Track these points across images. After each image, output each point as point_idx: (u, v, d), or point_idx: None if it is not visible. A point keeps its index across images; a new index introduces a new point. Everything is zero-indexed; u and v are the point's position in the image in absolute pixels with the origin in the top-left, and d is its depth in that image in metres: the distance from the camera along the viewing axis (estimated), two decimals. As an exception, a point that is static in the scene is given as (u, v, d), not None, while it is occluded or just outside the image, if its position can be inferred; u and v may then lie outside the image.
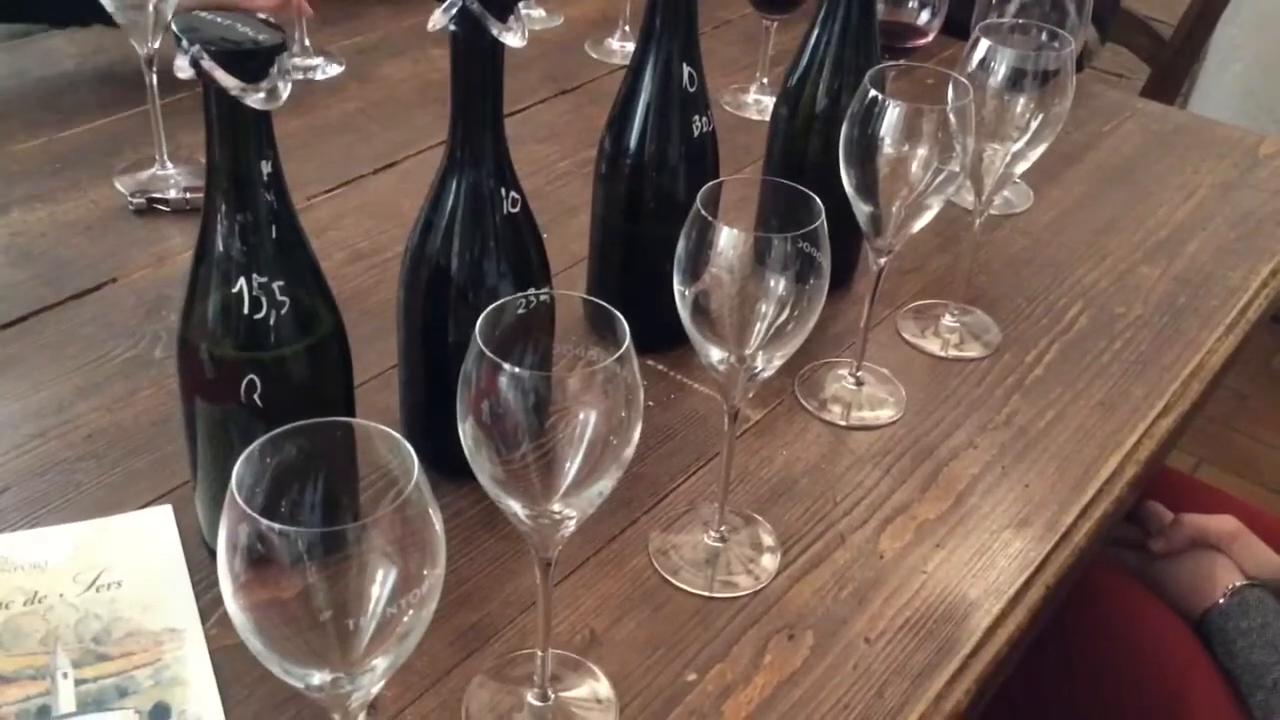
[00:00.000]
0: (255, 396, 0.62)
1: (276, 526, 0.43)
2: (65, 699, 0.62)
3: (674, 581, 0.72)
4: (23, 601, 0.67)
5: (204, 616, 0.67)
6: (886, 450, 0.85)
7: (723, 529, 0.75)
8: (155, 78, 0.99)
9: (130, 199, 1.00)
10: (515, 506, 0.55)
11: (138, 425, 0.80)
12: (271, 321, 0.62)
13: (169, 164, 1.03)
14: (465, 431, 0.54)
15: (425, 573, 0.46)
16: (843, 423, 0.86)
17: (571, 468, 0.55)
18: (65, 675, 0.63)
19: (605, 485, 0.55)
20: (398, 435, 0.46)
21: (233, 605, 0.45)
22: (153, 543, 0.71)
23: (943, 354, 0.94)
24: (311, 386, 0.65)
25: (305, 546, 0.43)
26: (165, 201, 1.00)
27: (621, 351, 0.53)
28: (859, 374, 0.89)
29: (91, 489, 0.75)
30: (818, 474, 0.82)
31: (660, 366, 0.89)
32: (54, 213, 1.00)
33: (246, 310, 0.61)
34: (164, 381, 0.84)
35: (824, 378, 0.90)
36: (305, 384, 0.65)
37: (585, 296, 0.57)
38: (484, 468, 0.54)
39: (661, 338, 0.83)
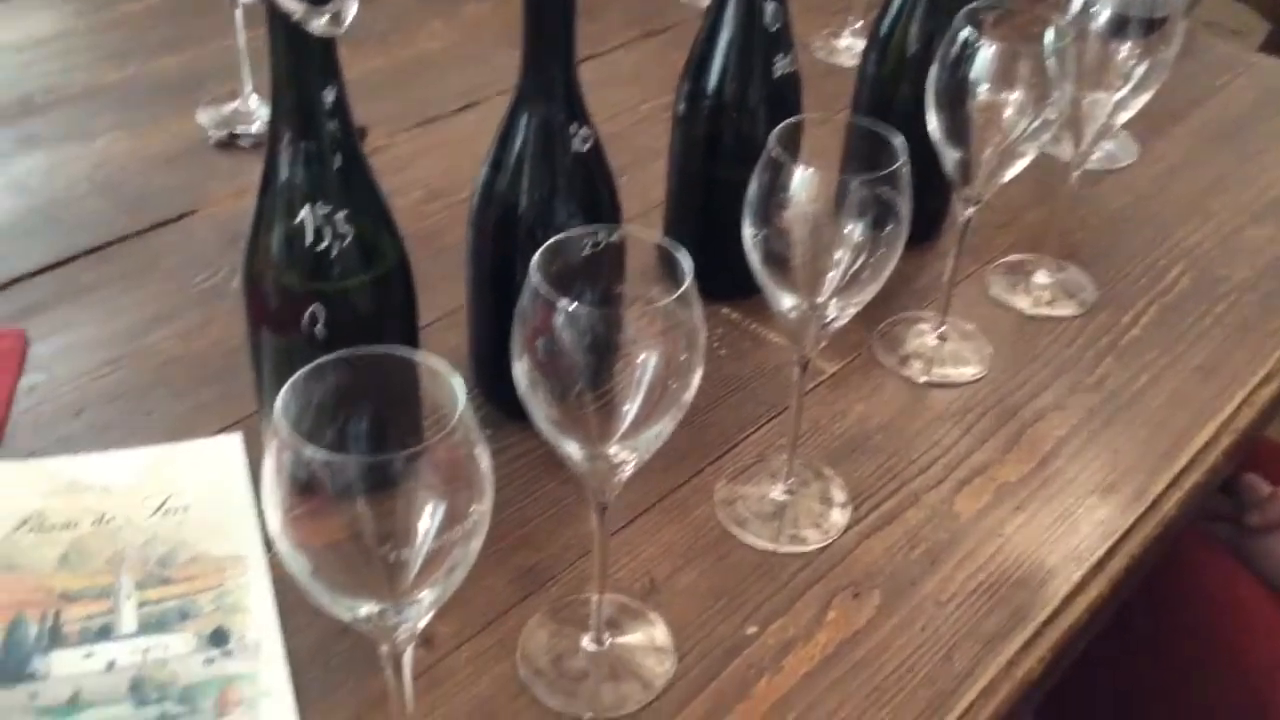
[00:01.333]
0: (317, 328, 0.62)
1: (322, 455, 0.42)
2: (127, 619, 0.63)
3: (738, 533, 0.71)
4: (91, 522, 0.68)
5: (268, 545, 0.68)
6: (967, 409, 0.81)
7: (791, 481, 0.73)
8: (240, 12, 0.99)
9: (212, 132, 1.01)
10: (571, 448, 0.54)
11: (211, 355, 0.81)
12: (334, 253, 0.61)
13: (251, 99, 1.03)
14: (520, 370, 0.52)
15: (472, 508, 0.45)
16: (922, 379, 0.83)
17: (629, 410, 0.53)
18: (129, 596, 0.64)
19: (663, 429, 0.54)
20: (446, 365, 0.45)
21: (278, 534, 0.45)
22: (221, 470, 0.72)
23: (1033, 312, 0.90)
24: (374, 320, 0.65)
25: (350, 476, 0.43)
26: (246, 136, 1.00)
27: (682, 291, 0.51)
28: (942, 329, 0.86)
29: (163, 416, 0.76)
30: (893, 431, 0.79)
31: (735, 315, 0.87)
32: (137, 144, 1.01)
33: (309, 241, 0.61)
34: (239, 312, 0.83)
35: (904, 332, 0.87)
36: (368, 317, 0.64)
37: (648, 233, 0.55)
38: (539, 408, 0.53)
39: (737, 285, 0.81)
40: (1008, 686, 0.63)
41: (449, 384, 0.44)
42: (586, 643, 0.64)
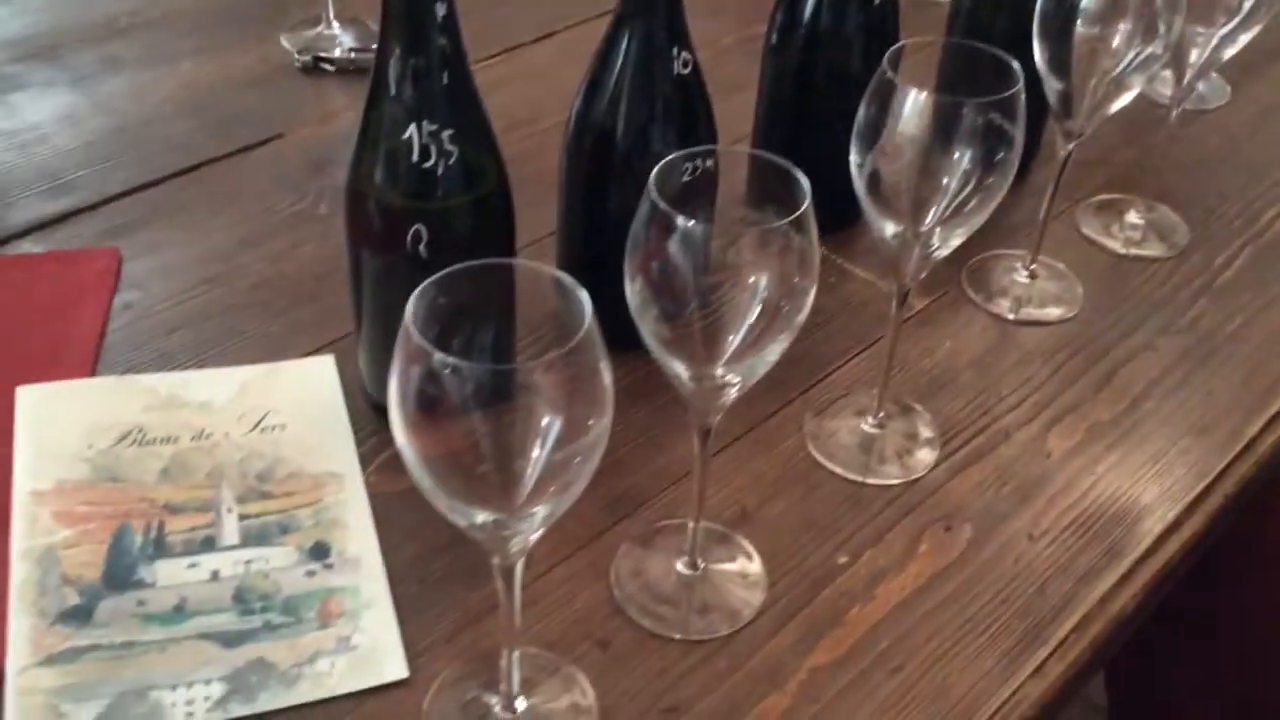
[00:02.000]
0: (421, 247, 0.62)
1: (450, 361, 0.42)
2: (229, 532, 0.64)
3: (827, 465, 0.71)
4: (190, 437, 0.69)
5: (364, 463, 0.68)
6: (1058, 348, 0.80)
7: (881, 415, 0.73)
8: (324, -65, 0.99)
9: (297, 56, 1.01)
10: (679, 368, 0.54)
11: (301, 278, 0.82)
12: (439, 171, 0.61)
13: (335, 24, 1.03)
14: (633, 290, 0.52)
15: (591, 423, 0.45)
16: (1011, 316, 0.82)
17: (739, 332, 0.53)
18: (230, 509, 0.65)
19: (773, 352, 0.53)
20: (574, 281, 0.45)
21: (402, 441, 0.45)
22: (315, 390, 0.73)
23: (1124, 252, 0.89)
24: (476, 241, 0.64)
25: (476, 385, 0.43)
26: (330, 61, 1.00)
27: (800, 213, 0.50)
28: (1033, 267, 0.85)
29: (256, 336, 0.77)
30: (982, 368, 0.79)
31: (822, 249, 0.86)
32: (221, 67, 1.01)
33: (415, 158, 0.60)
34: (328, 236, 0.85)
35: (994, 270, 0.85)
36: (470, 238, 0.64)
37: (767, 155, 0.54)
38: (650, 327, 0.53)
39: (824, 219, 0.80)
40: (1101, 621, 0.63)
41: (577, 297, 0.44)
42: (680, 567, 0.64)
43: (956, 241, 0.64)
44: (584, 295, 0.44)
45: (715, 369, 0.54)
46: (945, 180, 0.62)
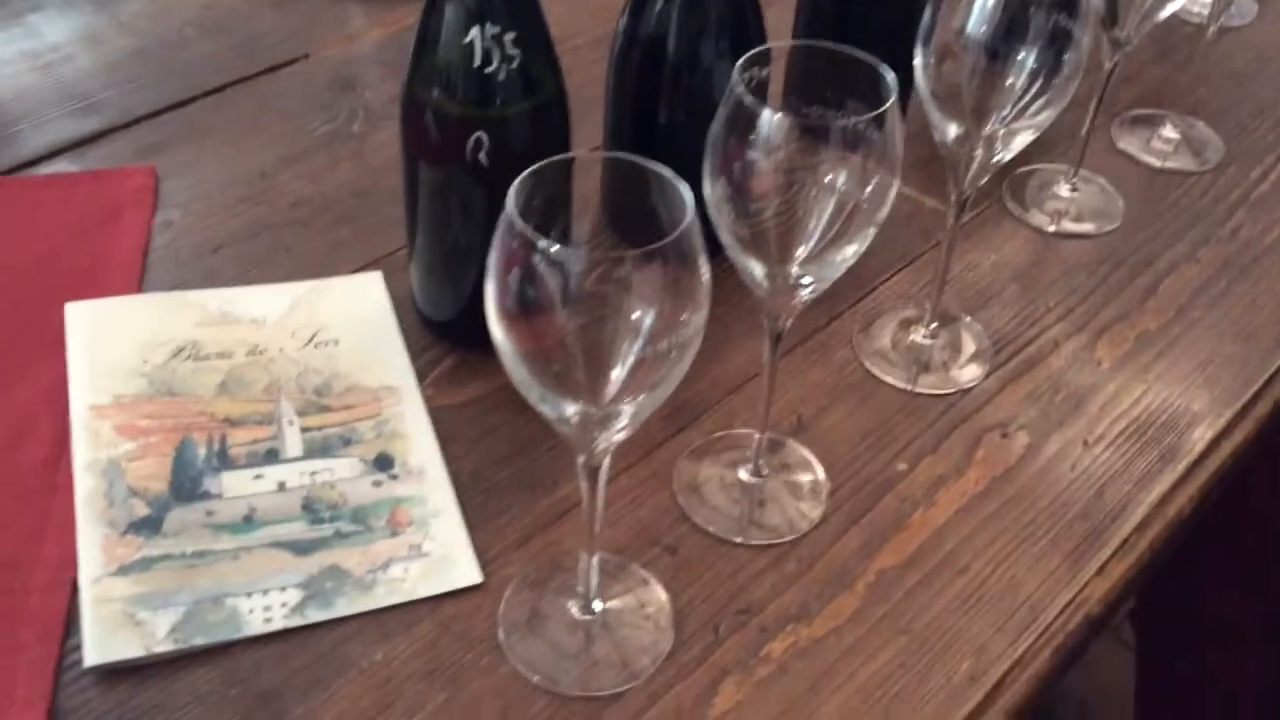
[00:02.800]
0: (481, 155, 0.61)
1: (553, 249, 0.42)
2: (292, 444, 0.64)
3: (880, 376, 0.71)
4: (245, 353, 0.68)
5: (419, 377, 0.68)
6: (1101, 260, 0.81)
7: (933, 326, 0.73)
8: None
9: (320, -25, 0.99)
10: (755, 268, 0.54)
11: (340, 195, 0.81)
12: (501, 76, 0.60)
13: (356, -58, 1.01)
14: (713, 191, 0.52)
15: (686, 318, 0.45)
16: (1052, 229, 0.82)
17: (817, 230, 0.53)
18: (291, 422, 0.65)
19: (850, 252, 0.53)
20: (674, 174, 0.44)
21: (495, 327, 0.45)
22: (364, 306, 0.72)
23: (1161, 165, 0.88)
24: (535, 150, 0.63)
25: (575, 274, 0.42)
26: (354, -21, 0.99)
27: (885, 108, 0.50)
28: (1074, 180, 0.85)
29: (301, 252, 0.76)
30: (1027, 280, 0.79)
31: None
32: (244, -13, 1.00)
33: (477, 63, 0.60)
34: (364, 155, 0.84)
35: (1036, 183, 0.85)
36: (530, 146, 0.63)
37: (851, 51, 0.53)
38: (728, 227, 0.52)
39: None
40: (1160, 524, 0.64)
41: (677, 190, 0.44)
42: (744, 475, 0.64)
43: (1018, 146, 0.63)
44: (685, 188, 0.43)
45: (791, 268, 0.54)
46: (1009, 81, 0.61)
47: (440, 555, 0.59)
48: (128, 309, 0.70)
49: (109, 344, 0.67)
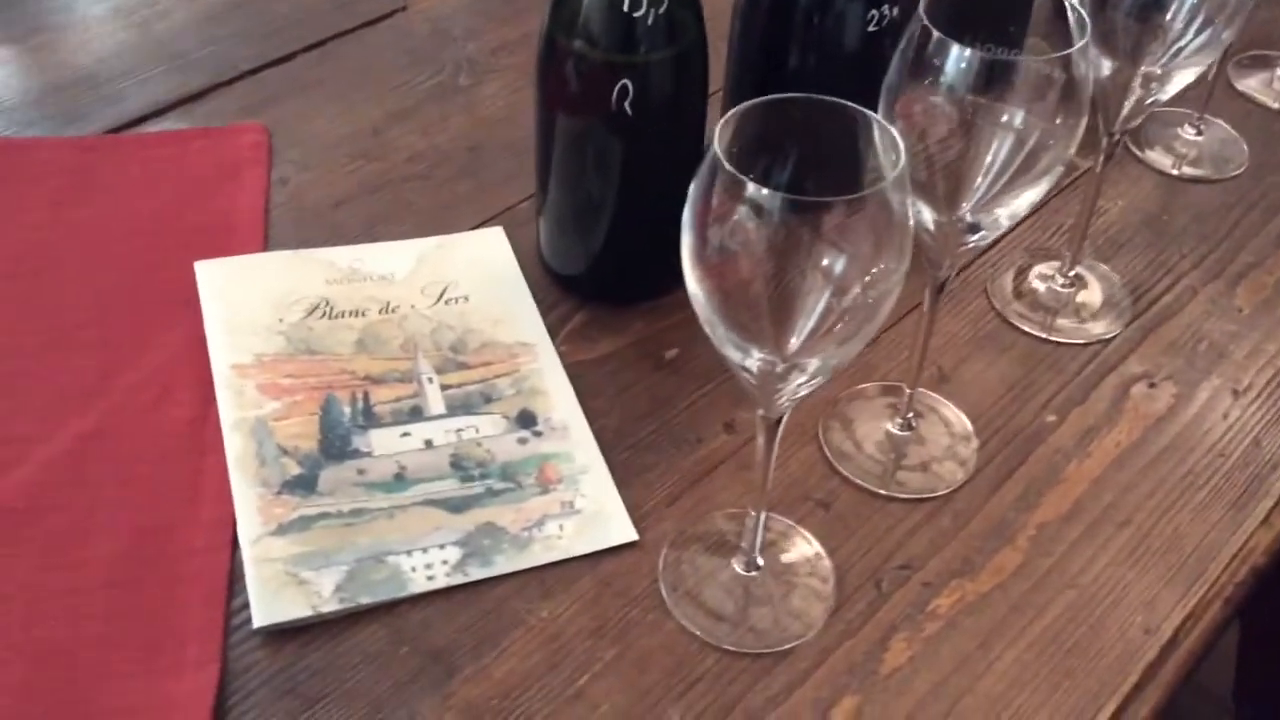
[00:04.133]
0: (626, 104, 0.60)
1: (759, 190, 0.40)
2: (434, 401, 0.63)
3: (1018, 325, 0.69)
4: (378, 310, 0.67)
5: (551, 333, 0.67)
6: (1230, 204, 0.79)
7: (1072, 274, 0.71)
8: None
9: (413, -75, 0.97)
10: (923, 211, 0.52)
11: (454, 150, 0.79)
12: (650, 21, 0.59)
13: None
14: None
15: (886, 268, 0.43)
16: (1175, 172, 0.80)
17: (991, 174, 0.51)
18: (430, 380, 0.64)
19: (1028, 198, 0.52)
20: (886, 123, 0.43)
21: (690, 268, 0.44)
22: (490, 262, 0.71)
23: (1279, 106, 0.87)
24: (679, 99, 0.62)
25: (779, 216, 0.41)
26: (447, -71, 0.97)
27: (1081, 44, 0.48)
28: (1199, 123, 0.83)
29: (421, 209, 0.75)
30: (1157, 226, 0.77)
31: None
32: (337, -62, 0.98)
33: (625, 7, 0.58)
34: (474, 109, 0.83)
35: (1158, 126, 0.83)
36: (674, 95, 0.62)
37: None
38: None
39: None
40: (1320, 473, 0.63)
41: (890, 135, 0.42)
42: (892, 428, 0.63)
43: (1178, 85, 0.61)
44: (896, 133, 0.42)
45: (962, 213, 0.52)
46: (1170, 17, 0.59)
47: (593, 512, 0.59)
48: (257, 267, 0.69)
49: (243, 302, 0.66)
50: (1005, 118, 0.50)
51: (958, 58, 0.48)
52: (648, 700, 0.52)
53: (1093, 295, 0.72)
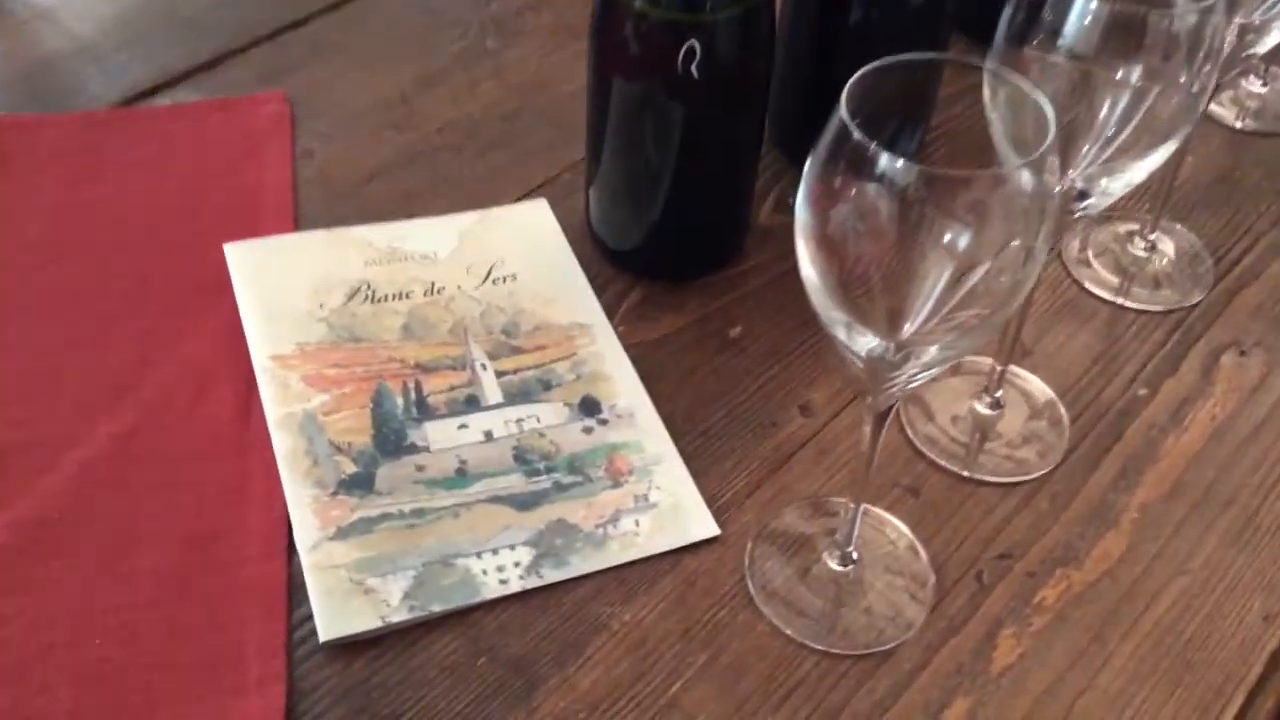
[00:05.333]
0: (693, 67, 0.56)
1: (893, 160, 0.36)
2: (490, 390, 0.59)
3: (1098, 292, 0.66)
4: (423, 292, 0.63)
5: (608, 312, 0.63)
6: (1305, 159, 0.75)
7: (1152, 237, 0.68)
8: None
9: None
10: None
11: (487, 118, 0.75)
12: (718, -23, 0.54)
13: None
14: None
15: (1018, 245, 0.40)
16: (1238, 125, 0.77)
17: (1098, 141, 0.48)
18: (484, 366, 0.60)
19: (1147, 164, 0.48)
20: (1038, 93, 0.39)
21: (803, 242, 0.40)
22: (536, 237, 0.67)
23: (1351, 55, 0.83)
24: (745, 61, 0.58)
25: (906, 189, 0.37)
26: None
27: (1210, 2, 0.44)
28: (1265, 75, 0.79)
29: (458, 181, 0.70)
30: (1230, 183, 0.73)
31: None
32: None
33: (694, -38, 0.54)
34: (503, 74, 0.78)
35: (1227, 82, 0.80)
36: (740, 56, 0.57)
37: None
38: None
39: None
40: None
41: (1037, 105, 0.38)
42: (980, 407, 0.60)
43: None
44: (1045, 102, 0.38)
45: (1074, 179, 0.49)
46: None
47: (670, 506, 0.55)
48: (290, 248, 0.64)
49: (278, 287, 0.62)
50: (1126, 76, 0.46)
51: (1082, 11, 0.44)
52: (745, 709, 0.48)
53: (1173, 259, 0.68)
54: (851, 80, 0.38)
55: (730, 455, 0.58)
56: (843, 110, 0.37)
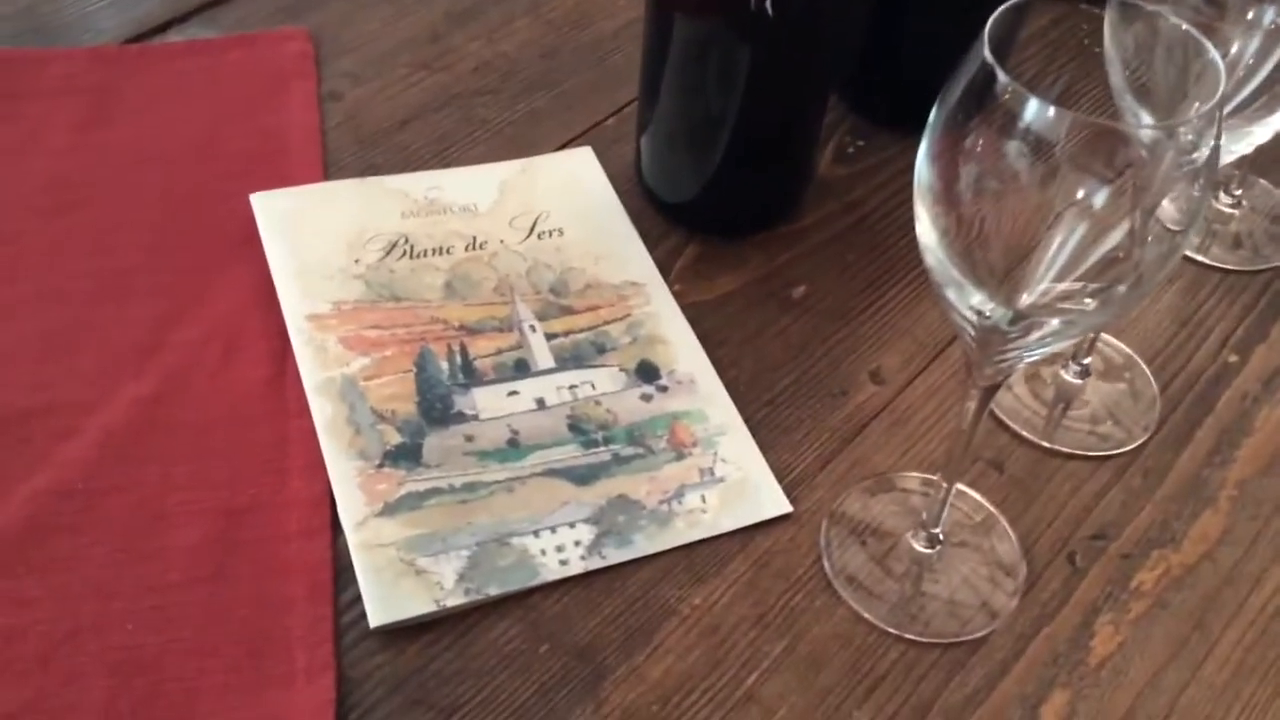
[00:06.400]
0: (768, 2, 0.51)
1: (1051, 109, 0.32)
2: (540, 353, 0.55)
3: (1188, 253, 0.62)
4: (464, 247, 0.59)
5: (661, 270, 0.59)
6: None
7: (1237, 193, 0.64)
8: None
9: None
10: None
11: (525, 59, 0.70)
12: (801, -95, 0.50)
13: None
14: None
15: (1167, 211, 0.36)
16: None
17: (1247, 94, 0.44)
18: (533, 328, 0.56)
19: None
20: (1202, 37, 0.35)
21: (930, 209, 0.36)
22: (582, 187, 0.63)
23: None
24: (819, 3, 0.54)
25: (1055, 140, 0.33)
26: None
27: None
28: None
29: (496, 126, 0.66)
30: (1311, 137, 0.70)
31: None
32: None
33: (774, -112, 0.49)
34: (540, 9, 0.73)
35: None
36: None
37: None
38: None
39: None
40: None
41: (1209, 58, 0.34)
42: (1067, 375, 0.56)
43: None
44: (1215, 53, 0.34)
45: (1182, 133, 0.45)
46: None
47: (738, 480, 0.51)
48: (322, 199, 0.60)
49: (311, 241, 0.58)
50: (1259, 17, 0.42)
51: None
52: (829, 702, 0.45)
53: (1258, 216, 0.64)
54: (995, 17, 0.34)
55: (799, 426, 0.54)
56: (986, 52, 0.33)
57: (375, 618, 0.46)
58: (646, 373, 0.55)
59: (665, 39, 0.56)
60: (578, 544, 0.49)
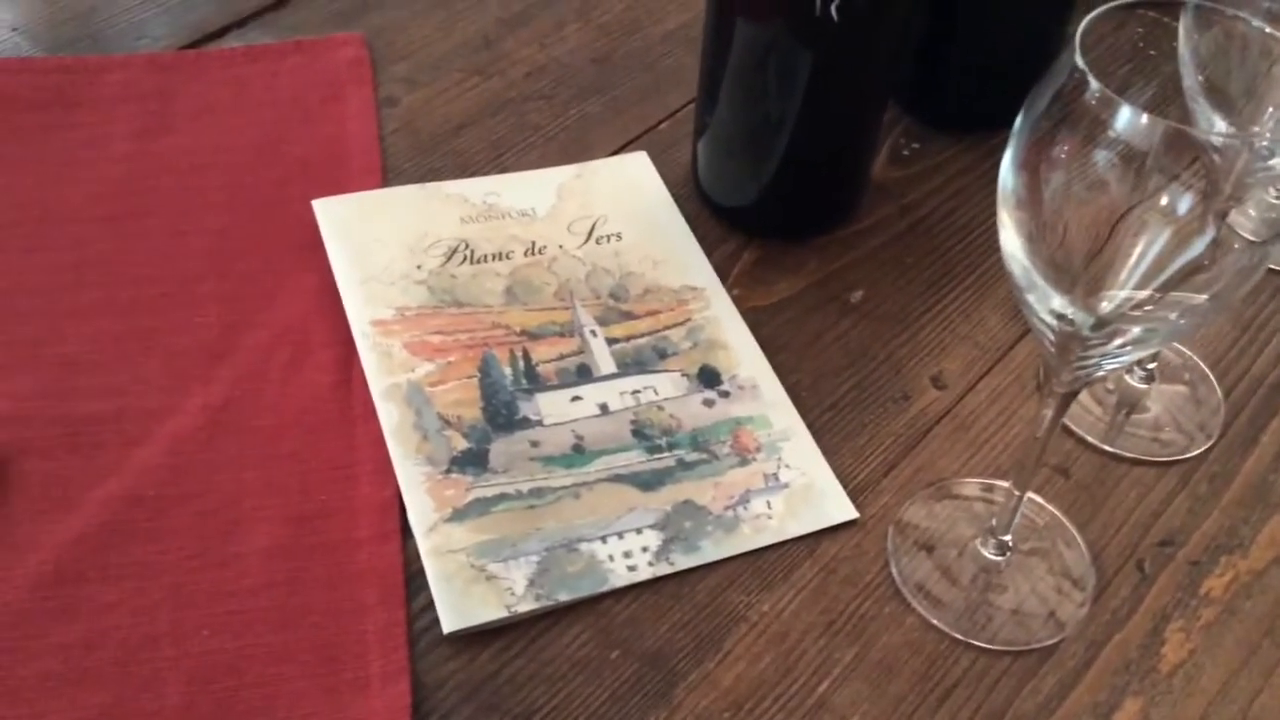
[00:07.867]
0: (833, 7, 0.51)
1: (1142, 116, 0.32)
2: (602, 358, 0.55)
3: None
4: (523, 252, 0.59)
5: (720, 275, 0.59)
6: None
7: (1298, 196, 0.64)
8: None
9: None
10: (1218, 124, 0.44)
11: (577, 64, 0.70)
12: (868, -90, 0.50)
13: None
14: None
15: (1257, 218, 0.36)
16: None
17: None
18: (594, 333, 0.56)
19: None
20: None
21: (1012, 215, 0.36)
22: (638, 193, 0.63)
23: None
24: (889, 3, 0.53)
25: (1143, 147, 0.33)
26: None
27: None
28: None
29: (550, 131, 0.66)
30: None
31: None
32: None
33: (841, -107, 0.49)
34: (590, 14, 0.73)
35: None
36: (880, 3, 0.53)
37: None
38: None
39: None
40: None
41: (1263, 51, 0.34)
42: (1130, 379, 0.56)
43: None
44: (1302, 43, 0.34)
45: (1257, 130, 0.44)
46: None
47: (803, 486, 0.51)
48: (382, 204, 0.60)
49: (373, 247, 0.58)
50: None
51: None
52: (902, 710, 0.45)
53: (1316, 219, 0.64)
54: (1087, 22, 0.34)
55: (862, 432, 0.54)
56: (1078, 57, 0.33)
57: (449, 624, 0.46)
58: (708, 378, 0.55)
59: (726, 44, 0.56)
60: (645, 550, 0.49)
